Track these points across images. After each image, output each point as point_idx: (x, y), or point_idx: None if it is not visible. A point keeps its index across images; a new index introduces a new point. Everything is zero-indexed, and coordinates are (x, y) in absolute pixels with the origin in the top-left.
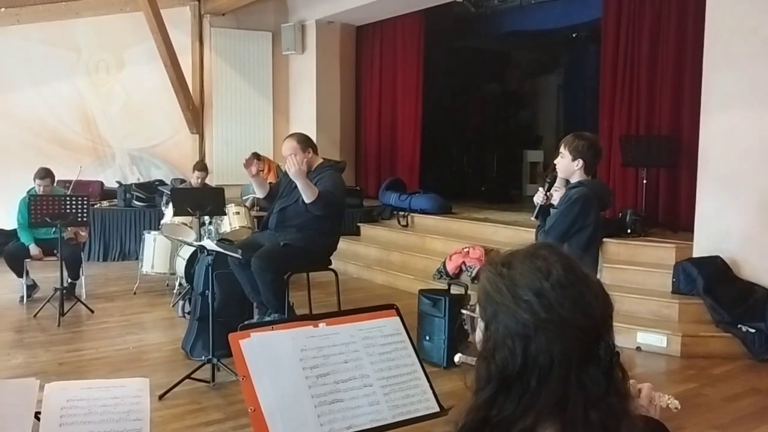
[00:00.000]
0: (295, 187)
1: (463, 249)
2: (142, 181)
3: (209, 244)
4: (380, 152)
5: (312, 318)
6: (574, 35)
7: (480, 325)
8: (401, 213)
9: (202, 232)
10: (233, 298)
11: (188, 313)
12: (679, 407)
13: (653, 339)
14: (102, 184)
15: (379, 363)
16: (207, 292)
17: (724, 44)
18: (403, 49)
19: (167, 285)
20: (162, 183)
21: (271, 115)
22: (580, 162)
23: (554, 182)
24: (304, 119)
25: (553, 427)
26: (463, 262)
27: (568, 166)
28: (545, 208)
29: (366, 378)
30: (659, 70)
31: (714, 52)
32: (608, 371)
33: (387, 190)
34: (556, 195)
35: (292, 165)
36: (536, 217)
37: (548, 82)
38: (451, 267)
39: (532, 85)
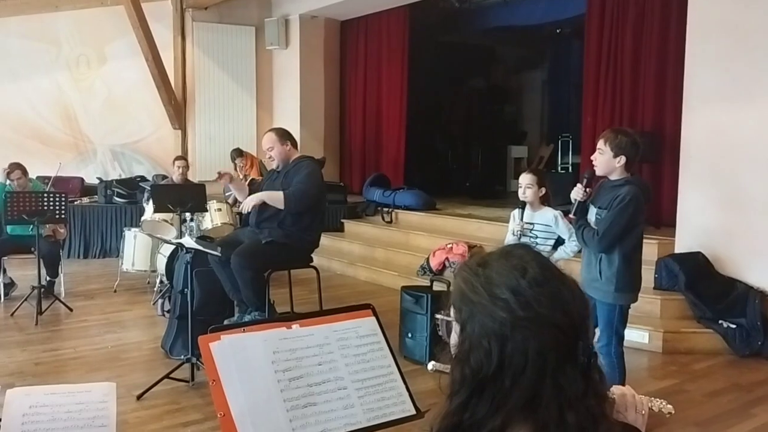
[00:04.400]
0: (276, 179)
1: (446, 245)
2: (123, 177)
3: (188, 241)
4: (365, 148)
5: (285, 319)
6: (558, 31)
7: (455, 328)
8: (385, 209)
9: (183, 229)
10: (213, 296)
11: (168, 311)
12: (673, 412)
13: (635, 335)
14: (82, 180)
15: (354, 365)
16: (186, 290)
17: (707, 40)
18: (387, 45)
19: (148, 282)
20: (143, 179)
21: (255, 111)
22: (622, 158)
23: (592, 178)
24: (288, 115)
25: (524, 429)
26: (447, 258)
27: (608, 162)
28: (583, 204)
29: (340, 381)
30: (642, 66)
31: (696, 48)
32: (586, 372)
33: (371, 186)
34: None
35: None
36: (575, 214)
37: (533, 77)
38: (434, 263)
39: (517, 80)
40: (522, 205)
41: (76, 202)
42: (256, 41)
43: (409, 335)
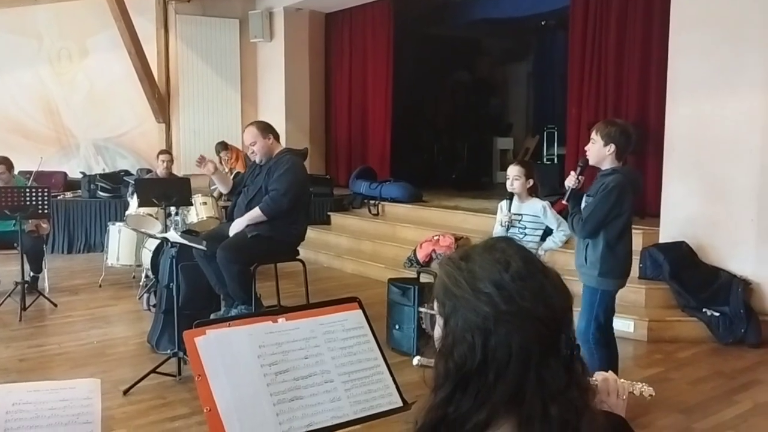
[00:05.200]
0: (258, 174)
1: (433, 237)
2: (107, 171)
3: (173, 235)
4: (351, 141)
5: (271, 313)
6: (543, 23)
7: (439, 321)
8: (372, 202)
9: (168, 223)
10: (199, 291)
11: (154, 306)
12: (654, 394)
13: (620, 324)
14: (65, 174)
15: (340, 358)
16: (172, 284)
17: (690, 30)
18: (372, 37)
19: (133, 277)
20: (128, 173)
21: (239, 104)
22: (612, 147)
23: (586, 166)
24: (273, 108)
25: (509, 423)
26: (434, 250)
27: (599, 151)
28: (576, 192)
29: (327, 374)
30: (627, 57)
31: (679, 39)
32: (569, 365)
33: (357, 178)
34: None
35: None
36: (567, 201)
37: (518, 69)
38: (421, 255)
39: (503, 72)
40: (510, 196)
41: (59, 197)
42: (240, 34)
43: (397, 327)
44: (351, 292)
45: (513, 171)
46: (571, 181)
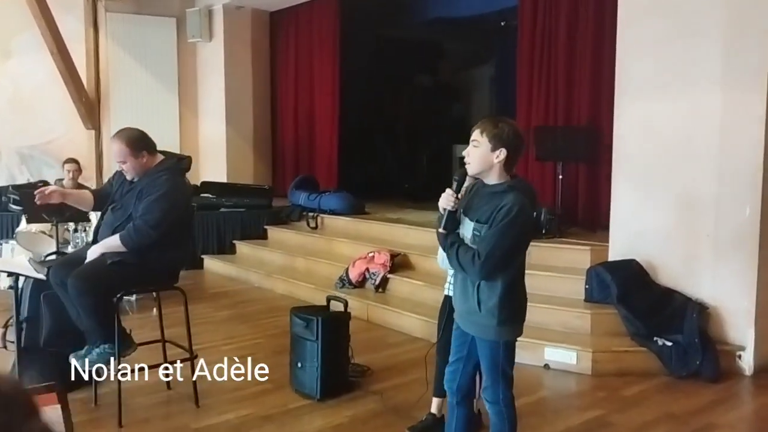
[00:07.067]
0: (128, 192)
1: (368, 254)
2: (32, 181)
3: (3, 263)
4: (297, 148)
5: None
6: (503, 23)
7: None
8: (311, 214)
9: (68, 240)
10: (68, 324)
11: (12, 342)
12: None
13: (562, 355)
14: None
15: None
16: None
17: (640, 25)
18: (318, 37)
19: None
20: (46, 183)
21: (177, 109)
22: (502, 152)
23: (464, 180)
24: (214, 112)
25: None
26: (367, 269)
27: (485, 157)
28: (454, 215)
29: None
30: (578, 56)
31: (628, 34)
32: None
33: (296, 189)
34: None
35: None
36: (444, 228)
37: (481, 73)
38: (354, 274)
39: (464, 76)
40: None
41: None
42: (178, 34)
43: (299, 365)
44: (276, 315)
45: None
46: (447, 201)
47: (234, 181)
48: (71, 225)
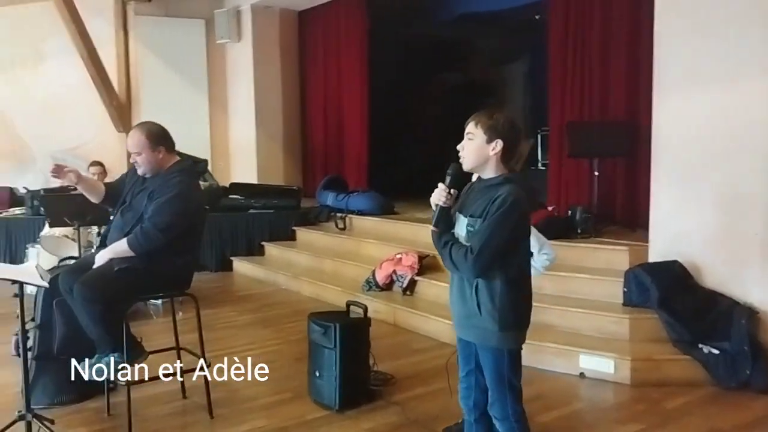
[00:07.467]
0: (140, 192)
1: (395, 256)
2: (65, 185)
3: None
4: (327, 148)
5: None
6: (537, 17)
7: None
8: (339, 215)
9: (92, 243)
10: (81, 331)
11: (29, 349)
12: None
13: (598, 363)
14: (11, 190)
15: None
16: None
17: (678, 12)
18: (346, 36)
19: None
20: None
21: (208, 111)
22: (498, 144)
23: (457, 174)
24: (243, 114)
25: None
26: (394, 271)
27: (480, 150)
28: (448, 212)
29: None
30: (612, 47)
31: (666, 22)
32: None
33: (325, 189)
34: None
35: None
36: (436, 225)
37: (514, 69)
38: (380, 277)
39: (498, 73)
40: None
41: (2, 214)
42: (207, 35)
43: (317, 374)
44: (298, 320)
45: None
46: (439, 197)
47: (264, 182)
48: (95, 228)
